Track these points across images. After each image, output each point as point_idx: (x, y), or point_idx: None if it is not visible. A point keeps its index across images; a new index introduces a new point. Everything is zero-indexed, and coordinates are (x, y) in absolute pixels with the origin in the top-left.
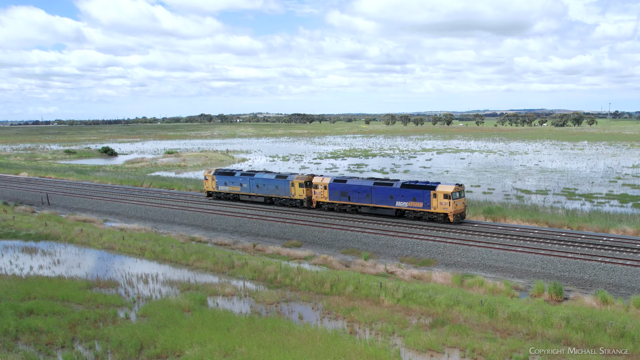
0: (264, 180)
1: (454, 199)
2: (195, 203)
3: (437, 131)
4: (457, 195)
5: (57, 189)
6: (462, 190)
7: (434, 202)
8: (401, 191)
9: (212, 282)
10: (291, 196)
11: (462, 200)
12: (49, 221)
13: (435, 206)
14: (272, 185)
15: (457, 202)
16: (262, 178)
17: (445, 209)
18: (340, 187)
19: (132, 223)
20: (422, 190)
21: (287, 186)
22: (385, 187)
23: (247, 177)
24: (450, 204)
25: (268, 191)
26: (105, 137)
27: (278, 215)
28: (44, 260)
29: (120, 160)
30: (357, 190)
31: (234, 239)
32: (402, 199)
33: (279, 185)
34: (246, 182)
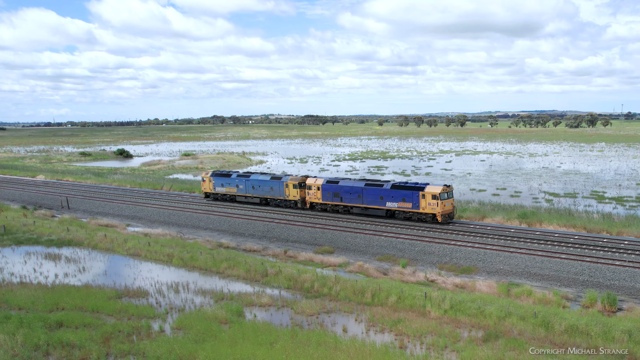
0: (260, 181)
1: (442, 200)
2: (220, 207)
3: (451, 133)
4: (445, 196)
5: (76, 192)
6: (450, 191)
7: (422, 203)
8: (391, 192)
9: (246, 292)
10: (285, 197)
11: (451, 201)
12: (71, 226)
13: (424, 207)
14: (267, 186)
15: (445, 203)
16: (258, 179)
17: (433, 209)
18: (333, 188)
19: (155, 228)
20: (411, 191)
21: (282, 187)
22: (376, 188)
23: (243, 178)
24: (439, 204)
25: (263, 192)
26: (119, 139)
27: (307, 220)
28: (69, 267)
29: (136, 162)
30: (349, 191)
31: (263, 244)
32: (392, 199)
33: (273, 186)
34: (242, 183)
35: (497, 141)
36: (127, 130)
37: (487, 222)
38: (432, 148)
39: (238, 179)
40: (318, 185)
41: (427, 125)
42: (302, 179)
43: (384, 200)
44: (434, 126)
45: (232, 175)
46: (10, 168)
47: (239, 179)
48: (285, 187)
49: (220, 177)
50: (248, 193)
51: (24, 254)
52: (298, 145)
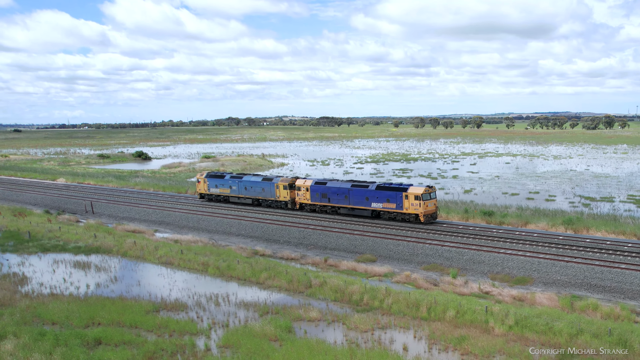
0: (252, 182)
1: (424, 200)
2: (250, 212)
3: (468, 134)
4: (428, 197)
5: (100, 196)
6: (432, 192)
7: (405, 204)
8: (376, 193)
9: (291, 304)
10: (276, 198)
11: (433, 201)
12: (98, 232)
13: (407, 207)
14: (259, 187)
15: (428, 204)
16: (250, 181)
17: (416, 209)
18: (321, 189)
19: (185, 234)
20: (395, 192)
21: (273, 188)
22: (362, 189)
23: (236, 179)
24: (421, 204)
25: (255, 193)
26: (135, 141)
27: (344, 226)
28: (100, 276)
29: (154, 164)
30: (336, 192)
31: (300, 252)
32: (377, 200)
33: (265, 187)
34: (235, 184)
35: (516, 143)
36: (143, 132)
37: (531, 228)
38: (453, 150)
39: (231, 181)
40: (307, 186)
41: (443, 126)
42: (292, 181)
43: (370, 201)
44: (450, 128)
45: (226, 176)
46: (30, 171)
47: (232, 181)
48: (276, 189)
49: (215, 179)
50: (241, 194)
51: (52, 262)
52: (316, 147)
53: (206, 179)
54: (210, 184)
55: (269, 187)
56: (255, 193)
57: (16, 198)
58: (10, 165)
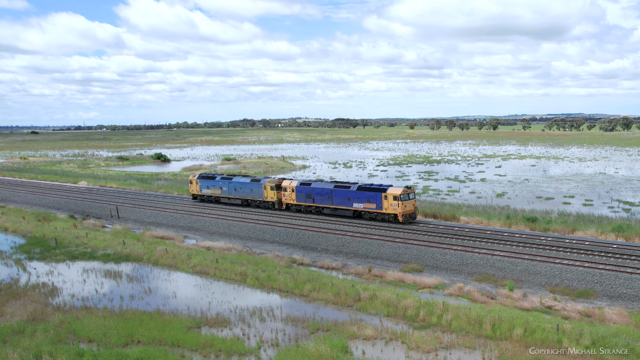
0: (241, 183)
1: (402, 201)
2: (282, 217)
3: (485, 136)
4: (406, 197)
5: (124, 200)
6: (411, 192)
7: (385, 204)
8: (357, 193)
9: (342, 320)
10: (264, 199)
11: (412, 202)
12: (126, 239)
13: (387, 207)
14: (247, 188)
15: (406, 204)
16: (239, 182)
17: (395, 209)
18: (306, 190)
19: (216, 240)
20: (375, 192)
21: (260, 189)
22: (344, 189)
23: (226, 180)
24: (400, 205)
25: (244, 194)
26: (152, 143)
27: (382, 232)
28: (133, 287)
29: (174, 166)
30: (320, 193)
31: (340, 261)
32: (358, 200)
33: (253, 188)
34: (225, 185)
35: (536, 145)
36: (159, 133)
37: (579, 235)
38: (474, 152)
39: (222, 182)
40: (292, 187)
41: (459, 128)
42: (278, 182)
43: (351, 202)
44: (466, 129)
45: (217, 177)
46: (50, 173)
47: (222, 182)
48: (264, 189)
49: (206, 180)
50: (231, 195)
51: (81, 270)
52: (335, 149)
53: (198, 180)
54: (202, 185)
55: (257, 188)
56: (244, 194)
57: (39, 202)
58: (30, 168)
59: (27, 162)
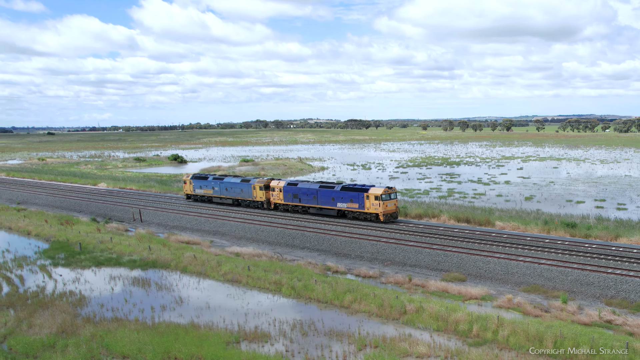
0: (231, 184)
1: (383, 201)
2: (311, 222)
3: (499, 137)
4: (387, 197)
5: (145, 202)
6: (392, 192)
7: (367, 203)
8: (341, 193)
9: (390, 335)
10: (253, 198)
11: (394, 202)
12: (151, 244)
13: (368, 207)
14: (238, 188)
15: (387, 204)
16: (230, 182)
17: (376, 209)
18: (293, 190)
19: (245, 246)
20: (357, 192)
21: (250, 189)
22: (328, 189)
23: (217, 181)
24: (381, 204)
25: (235, 194)
26: (166, 144)
27: (419, 239)
28: (163, 297)
29: (191, 167)
30: (306, 193)
31: (377, 268)
32: (342, 200)
33: (243, 188)
34: (217, 185)
35: (553, 146)
36: (173, 134)
37: (624, 242)
38: (492, 154)
39: (214, 182)
40: (280, 187)
41: (471, 129)
42: (267, 182)
43: (335, 201)
44: (480, 131)
45: (209, 178)
46: (69, 175)
47: (214, 182)
48: (253, 189)
49: (199, 180)
50: (222, 194)
51: (108, 278)
52: (350, 150)
53: (192, 181)
54: (195, 185)
55: (247, 188)
56: (235, 194)
57: (60, 204)
58: (49, 169)
59: (45, 163)
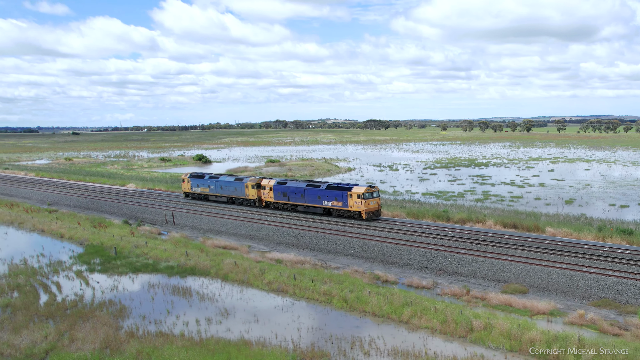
0: (226, 182)
1: (365, 199)
2: (352, 227)
3: (519, 138)
4: (370, 196)
5: (176, 204)
6: (374, 191)
7: (350, 202)
8: (326, 192)
9: (462, 356)
10: (246, 196)
11: (376, 200)
12: (187, 248)
13: (352, 205)
14: (232, 187)
15: (370, 202)
16: (224, 180)
17: (359, 207)
18: (282, 189)
19: (285, 252)
20: (341, 191)
21: (243, 188)
22: (315, 188)
23: (213, 179)
24: (363, 203)
25: (229, 192)
26: (188, 144)
27: (469, 247)
28: (207, 308)
29: (215, 168)
30: (294, 191)
31: (429, 278)
32: (327, 198)
33: (237, 187)
34: (213, 184)
35: (578, 147)
36: (194, 134)
37: None
38: (518, 155)
39: (209, 180)
40: (270, 186)
41: (491, 130)
42: (258, 181)
43: (321, 200)
44: (500, 131)
45: (205, 176)
46: (97, 175)
47: (210, 180)
48: (246, 188)
49: (196, 179)
50: (217, 193)
51: (146, 286)
52: (373, 150)
53: (189, 179)
54: (192, 184)
55: (240, 186)
56: (229, 192)
57: (91, 206)
58: (77, 170)
59: (72, 163)
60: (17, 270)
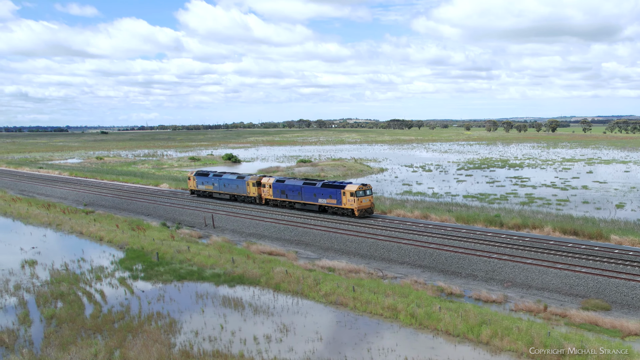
0: (229, 180)
1: (358, 197)
2: (401, 232)
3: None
4: (363, 194)
5: (214, 205)
6: (367, 189)
7: (343, 199)
8: (322, 190)
9: None
10: (247, 194)
11: (368, 198)
12: (232, 254)
13: (345, 202)
14: (234, 184)
15: (362, 200)
16: (227, 178)
17: (351, 205)
18: (281, 186)
19: (335, 259)
20: (335, 189)
21: (244, 185)
22: (311, 186)
23: (217, 177)
24: (355, 200)
25: (231, 189)
26: (215, 143)
27: (538, 256)
28: (263, 323)
29: (245, 167)
30: (292, 189)
31: (497, 291)
32: (322, 196)
33: (239, 184)
34: (216, 181)
35: (609, 148)
36: (220, 133)
37: None
38: (549, 155)
39: (213, 178)
40: (270, 183)
41: (515, 130)
42: (259, 179)
43: (317, 197)
44: (524, 131)
45: (210, 175)
46: (129, 175)
47: (214, 178)
48: (247, 185)
49: (201, 177)
50: (221, 190)
51: (194, 296)
52: (400, 150)
53: (195, 177)
54: (198, 181)
55: (242, 184)
56: (231, 189)
57: (127, 207)
58: (109, 169)
59: (103, 162)
60: (59, 276)
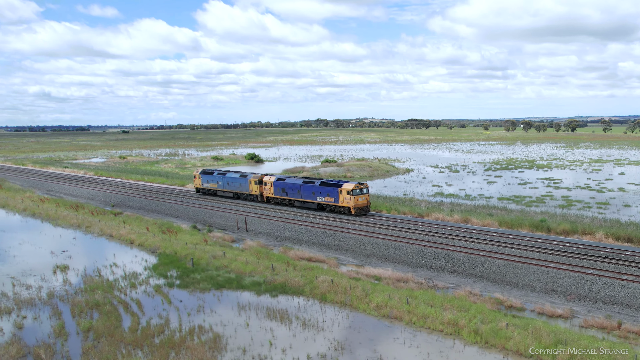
0: (232, 178)
1: (354, 195)
2: (445, 237)
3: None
4: (359, 192)
5: (244, 207)
6: (363, 188)
7: (340, 198)
8: (320, 188)
9: None
10: (250, 192)
11: (365, 196)
12: (270, 260)
13: (342, 200)
14: (237, 183)
15: (358, 198)
16: (231, 177)
17: (348, 203)
18: (281, 185)
19: (378, 266)
20: (333, 187)
21: (247, 183)
22: (310, 185)
23: (221, 176)
24: (352, 199)
25: (235, 188)
26: (234, 142)
27: (601, 267)
28: (315, 339)
29: (268, 167)
30: (292, 187)
31: (561, 304)
32: (320, 194)
33: (242, 183)
34: (221, 180)
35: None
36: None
37: None
38: (575, 156)
39: (218, 177)
40: (271, 182)
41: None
42: (261, 177)
43: (315, 195)
44: (543, 131)
45: (214, 173)
46: (154, 174)
47: (218, 177)
48: (249, 184)
49: (206, 175)
50: (225, 188)
51: (236, 307)
52: (422, 150)
53: (200, 175)
54: (203, 180)
55: (244, 182)
56: (235, 187)
57: (155, 208)
58: (133, 169)
59: (126, 162)
60: (93, 283)
